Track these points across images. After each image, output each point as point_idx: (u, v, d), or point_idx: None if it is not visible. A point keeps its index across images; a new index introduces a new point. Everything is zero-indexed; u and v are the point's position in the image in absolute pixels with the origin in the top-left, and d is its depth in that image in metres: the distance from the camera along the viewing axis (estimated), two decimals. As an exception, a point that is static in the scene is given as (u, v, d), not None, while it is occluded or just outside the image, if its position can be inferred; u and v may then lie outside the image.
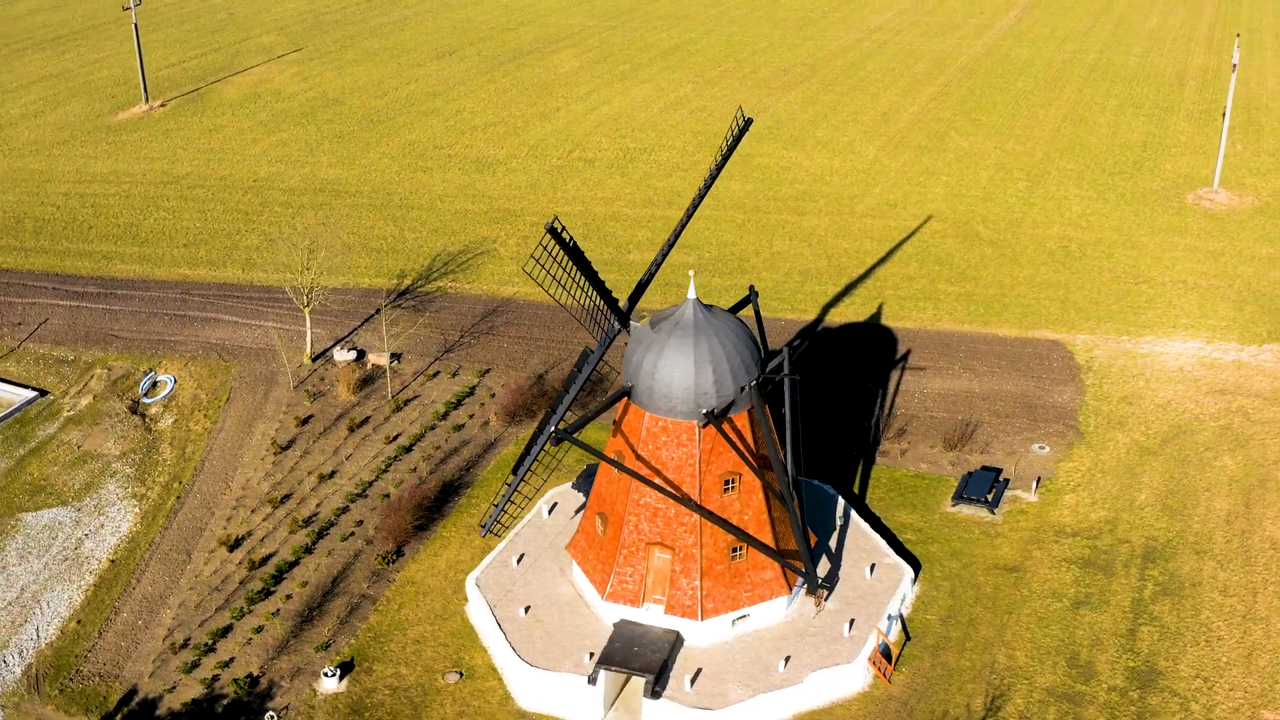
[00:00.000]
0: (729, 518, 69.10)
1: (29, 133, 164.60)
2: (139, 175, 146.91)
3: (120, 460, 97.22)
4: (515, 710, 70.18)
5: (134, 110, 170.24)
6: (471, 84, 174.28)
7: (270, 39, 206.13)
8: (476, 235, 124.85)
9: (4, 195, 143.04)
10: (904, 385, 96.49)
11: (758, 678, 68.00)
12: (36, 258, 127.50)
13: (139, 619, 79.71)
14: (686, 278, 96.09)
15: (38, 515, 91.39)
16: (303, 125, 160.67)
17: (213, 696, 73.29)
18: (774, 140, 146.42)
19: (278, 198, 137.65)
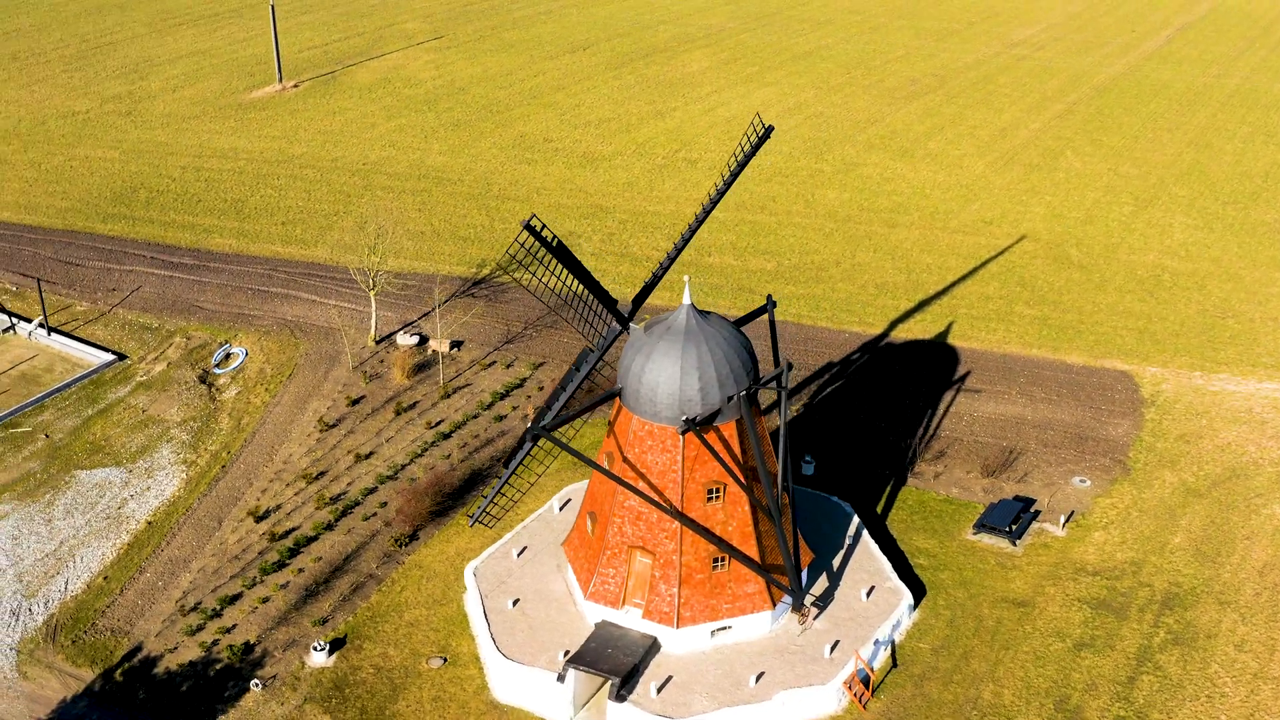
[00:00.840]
0: (712, 527, 68.09)
1: (165, 106, 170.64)
2: (255, 153, 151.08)
3: (179, 427, 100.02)
4: (489, 700, 70.32)
5: (267, 90, 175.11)
6: (596, 79, 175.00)
7: (414, 25, 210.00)
8: (564, 229, 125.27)
9: (126, 165, 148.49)
10: (955, 407, 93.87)
11: (726, 691, 66.92)
12: (143, 227, 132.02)
13: (159, 580, 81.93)
14: (756, 283, 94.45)
15: (91, 474, 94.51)
16: (423, 112, 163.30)
17: (208, 660, 74.99)
18: (883, 150, 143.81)
19: (381, 182, 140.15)
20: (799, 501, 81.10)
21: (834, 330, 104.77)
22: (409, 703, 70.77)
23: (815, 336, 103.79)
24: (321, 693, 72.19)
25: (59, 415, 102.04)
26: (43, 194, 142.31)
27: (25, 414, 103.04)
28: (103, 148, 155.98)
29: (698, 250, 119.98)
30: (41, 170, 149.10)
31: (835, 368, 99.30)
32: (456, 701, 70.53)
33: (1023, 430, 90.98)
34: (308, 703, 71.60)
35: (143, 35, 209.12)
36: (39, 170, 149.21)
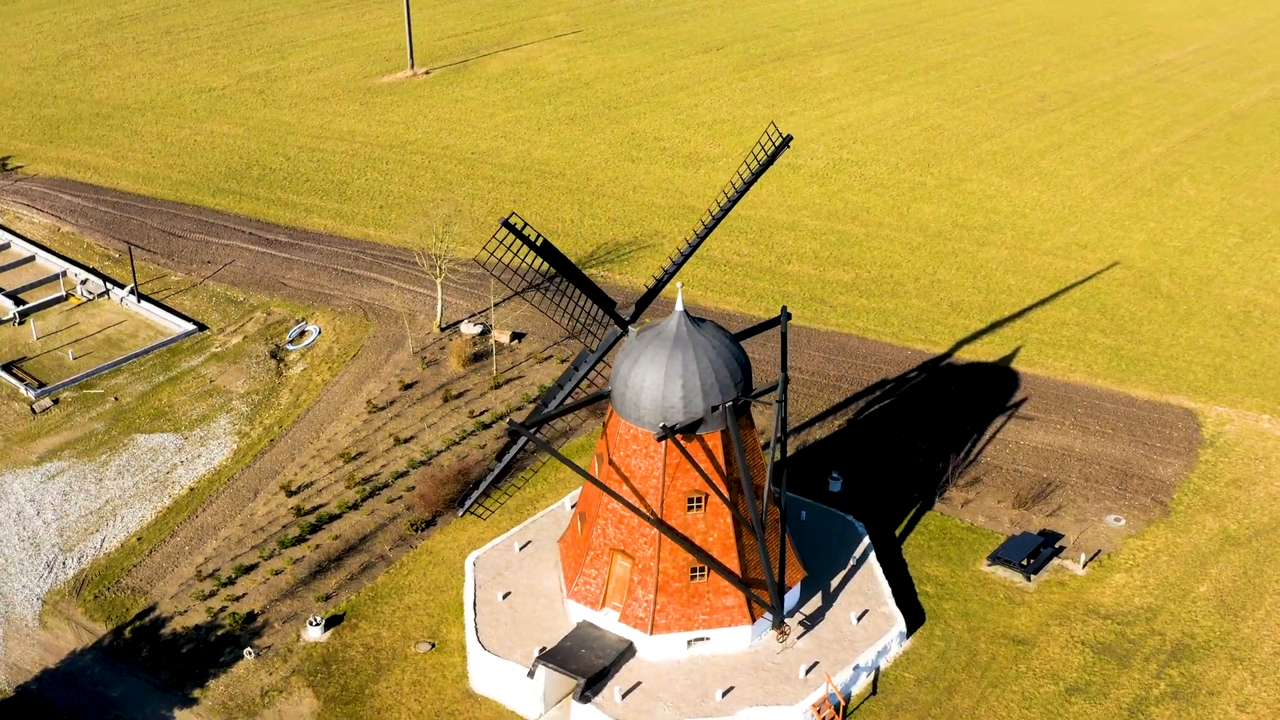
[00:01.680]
0: (692, 537, 67.42)
1: (298, 86, 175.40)
2: (371, 136, 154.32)
3: (241, 399, 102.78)
4: (466, 690, 70.84)
5: (398, 75, 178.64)
6: (721, 80, 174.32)
7: (556, 19, 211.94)
8: (650, 229, 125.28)
9: (247, 143, 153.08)
10: (1002, 433, 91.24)
11: (692, 702, 66.22)
12: (248, 203, 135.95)
13: (186, 545, 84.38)
14: (829, 294, 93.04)
15: (149, 438, 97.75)
16: (542, 105, 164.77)
17: (212, 625, 77.02)
18: (992, 167, 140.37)
19: (484, 171, 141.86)
20: (812, 517, 79.88)
21: (897, 347, 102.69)
22: (389, 684, 71.57)
23: (876, 352, 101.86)
24: (310, 666, 73.45)
25: (132, 380, 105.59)
26: (163, 166, 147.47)
27: (101, 376, 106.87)
28: (229, 124, 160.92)
29: (778, 257, 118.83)
30: (167, 143, 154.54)
31: (889, 385, 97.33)
32: (435, 688, 71.12)
33: (1067, 462, 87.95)
34: (295, 675, 72.97)
35: (293, 16, 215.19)
36: (165, 143, 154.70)
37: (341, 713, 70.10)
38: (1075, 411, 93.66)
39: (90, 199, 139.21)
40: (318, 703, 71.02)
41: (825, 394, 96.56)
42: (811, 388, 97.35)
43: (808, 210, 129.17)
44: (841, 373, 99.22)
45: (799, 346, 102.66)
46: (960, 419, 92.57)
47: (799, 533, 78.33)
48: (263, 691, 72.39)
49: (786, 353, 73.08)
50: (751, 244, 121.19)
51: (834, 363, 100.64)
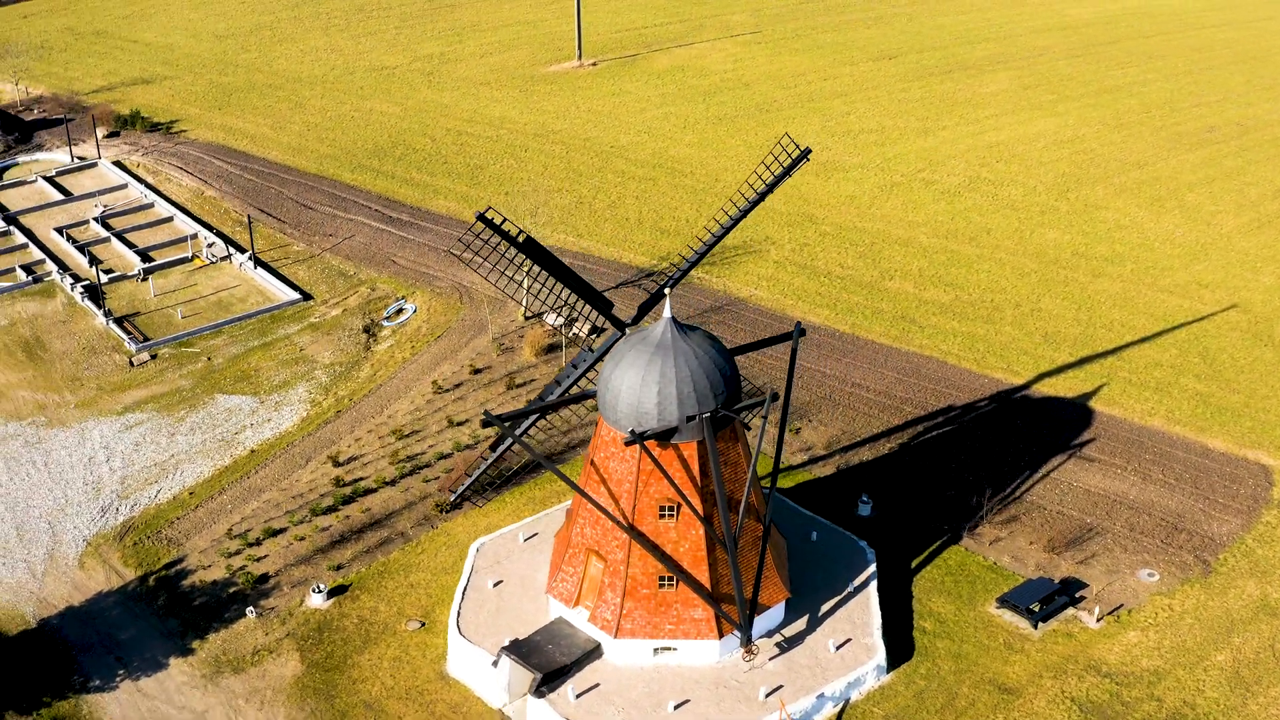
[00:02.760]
0: (663, 545, 67.10)
1: (466, 70, 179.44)
2: (519, 124, 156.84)
3: (324, 369, 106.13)
4: (440, 671, 72.07)
5: (564, 65, 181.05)
6: (882, 90, 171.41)
7: (739, 18, 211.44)
8: (761, 234, 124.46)
9: (400, 122, 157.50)
10: (1057, 472, 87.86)
11: (644, 711, 66.02)
12: (382, 181, 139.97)
13: (230, 503, 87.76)
14: (921, 314, 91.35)
15: (229, 399, 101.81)
16: (695, 103, 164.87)
17: (227, 583, 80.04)
18: (1134, 196, 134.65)
19: (617, 165, 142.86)
20: (823, 539, 78.59)
21: (974, 374, 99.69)
22: (371, 657, 73.20)
23: (951, 377, 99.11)
24: (304, 631, 75.65)
25: (229, 342, 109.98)
26: (314, 139, 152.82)
27: (201, 336, 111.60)
28: (389, 103, 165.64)
29: (881, 272, 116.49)
30: (326, 117, 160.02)
31: (954, 412, 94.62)
32: (413, 666, 72.44)
33: (1115, 509, 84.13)
34: (288, 638, 75.20)
35: (483, 1, 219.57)
36: (323, 117, 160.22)
37: (320, 679, 71.87)
38: (1142, 457, 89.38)
39: (238, 166, 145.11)
40: (301, 667, 73.00)
41: (885, 415, 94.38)
42: (873, 407, 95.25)
43: (927, 227, 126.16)
44: (909, 395, 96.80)
45: (874, 364, 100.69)
46: (1016, 454, 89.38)
47: (805, 553, 77.01)
48: (254, 650, 74.70)
49: (794, 371, 71.71)
50: (859, 257, 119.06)
51: (904, 384, 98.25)
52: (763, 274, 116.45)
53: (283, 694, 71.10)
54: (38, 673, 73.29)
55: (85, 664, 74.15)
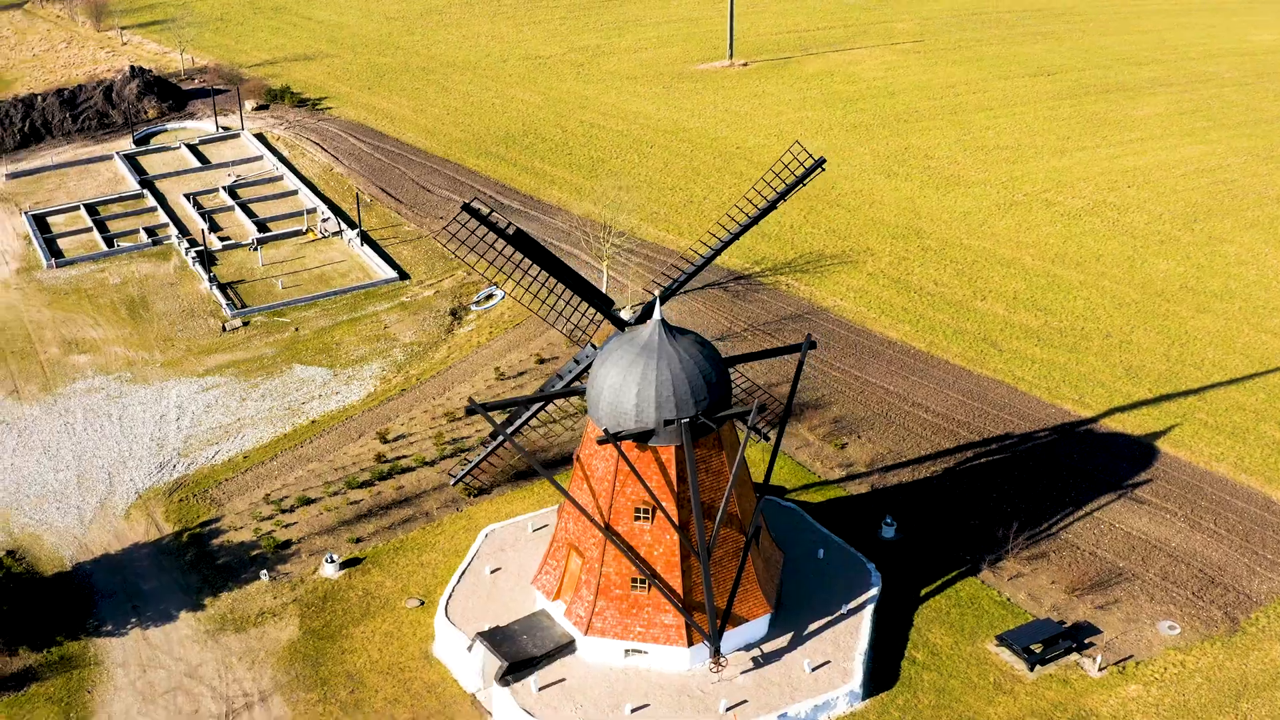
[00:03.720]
0: (637, 548, 67.13)
1: (616, 64, 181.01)
2: (653, 120, 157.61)
3: (403, 348, 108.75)
4: (425, 651, 73.33)
5: (714, 64, 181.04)
6: (1030, 106, 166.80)
7: (904, 26, 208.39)
8: (862, 245, 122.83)
9: (538, 111, 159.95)
10: (1101, 511, 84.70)
11: (601, 710, 66.19)
12: (502, 167, 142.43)
13: (277, 470, 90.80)
14: (1004, 338, 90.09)
15: (305, 369, 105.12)
16: (833, 109, 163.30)
17: (251, 545, 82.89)
18: (1264, 230, 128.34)
19: (737, 167, 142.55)
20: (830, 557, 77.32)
21: (1042, 403, 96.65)
22: (365, 630, 74.89)
23: (1018, 405, 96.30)
24: (309, 599, 77.80)
25: (320, 315, 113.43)
26: (450, 123, 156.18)
27: (295, 307, 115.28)
28: (532, 92, 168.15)
29: (975, 291, 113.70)
30: (467, 102, 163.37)
31: (1010, 440, 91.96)
32: (401, 642, 73.88)
33: (1152, 555, 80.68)
34: (294, 604, 77.45)
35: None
36: (465, 102, 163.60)
37: (312, 646, 73.81)
38: (1197, 503, 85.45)
39: (371, 145, 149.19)
40: (298, 632, 75.03)
41: (937, 438, 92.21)
42: (927, 429, 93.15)
43: (1036, 249, 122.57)
44: (968, 419, 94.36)
45: (941, 385, 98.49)
46: (1062, 489, 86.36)
47: (808, 570, 75.86)
48: (259, 612, 77.07)
49: (797, 382, 70.89)
50: (956, 275, 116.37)
51: (966, 408, 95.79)
52: (853, 285, 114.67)
53: (274, 656, 73.11)
54: (59, 613, 76.77)
55: (103, 609, 77.36)
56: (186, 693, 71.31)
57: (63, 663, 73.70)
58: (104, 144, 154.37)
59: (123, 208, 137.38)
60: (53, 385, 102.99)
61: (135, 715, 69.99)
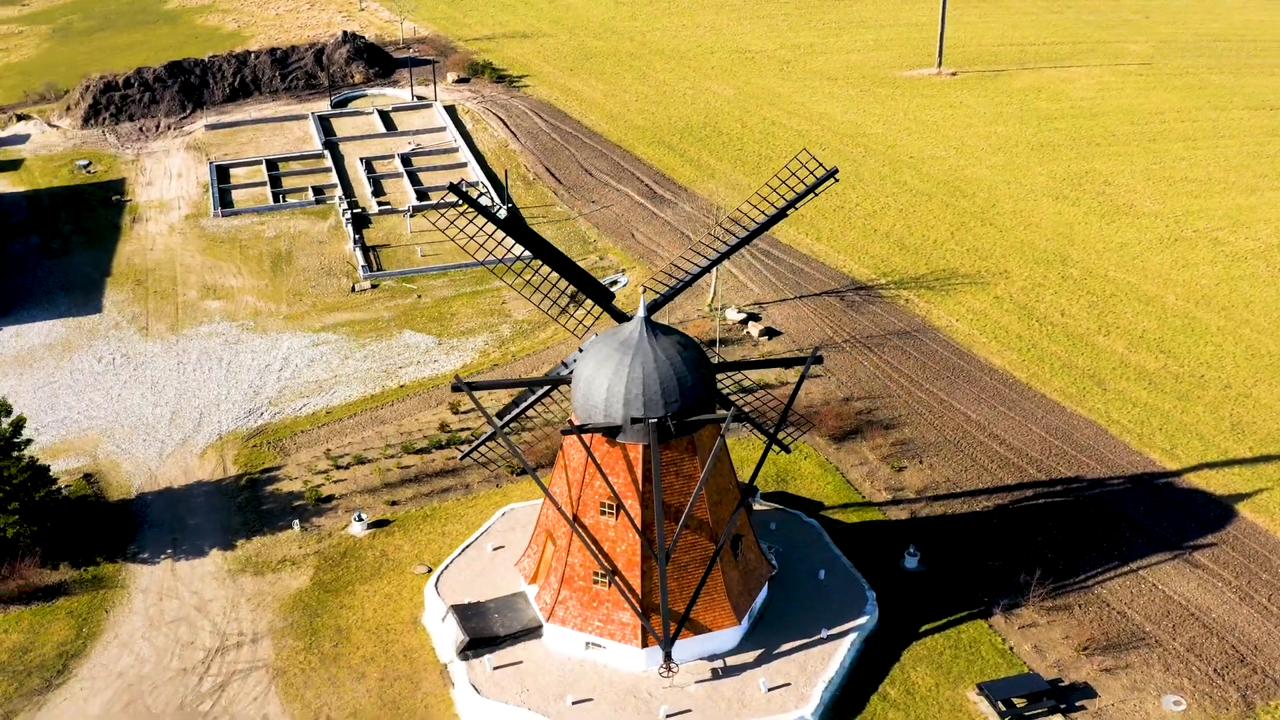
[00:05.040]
0: (601, 542, 67.87)
1: (822, 64, 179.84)
2: (836, 123, 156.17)
3: (513, 325, 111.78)
4: (415, 617, 75.81)
5: (921, 71, 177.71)
6: (1236, 140, 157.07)
7: (1136, 48, 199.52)
8: (999, 266, 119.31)
9: (724, 105, 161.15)
10: (1148, 570, 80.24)
11: (544, 699, 67.14)
12: (667, 157, 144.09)
13: (349, 429, 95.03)
14: (1113, 377, 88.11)
15: (414, 336, 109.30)
16: (1025, 126, 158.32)
17: (296, 495, 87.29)
18: None
19: (901, 177, 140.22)
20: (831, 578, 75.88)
21: (1128, 449, 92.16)
22: (370, 589, 77.94)
23: (1100, 447, 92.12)
24: (330, 552, 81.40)
25: (446, 285, 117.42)
26: (635, 110, 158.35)
27: (426, 276, 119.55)
28: (728, 85, 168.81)
29: (1100, 324, 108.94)
30: (659, 91, 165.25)
31: (1078, 485, 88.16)
32: (396, 606, 76.49)
33: (1185, 624, 76.18)
34: (314, 555, 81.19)
35: (887, 1, 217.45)
36: (656, 90, 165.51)
37: (316, 598, 77.15)
38: (1258, 575, 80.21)
39: (550, 124, 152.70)
40: (308, 583, 78.55)
41: (1001, 472, 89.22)
42: (995, 462, 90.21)
43: (1182, 288, 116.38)
44: (1041, 457, 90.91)
45: (1027, 419, 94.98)
46: (1113, 540, 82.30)
47: (805, 588, 74.59)
48: (281, 559, 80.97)
49: (795, 396, 70.20)
50: (1087, 307, 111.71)
51: (1044, 445, 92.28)
52: (974, 306, 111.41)
53: (279, 602, 76.60)
54: (106, 537, 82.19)
55: (145, 538, 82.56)
56: (189, 624, 75.18)
57: (94, 582, 78.75)
58: (305, 104, 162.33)
59: (302, 165, 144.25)
60: (180, 326, 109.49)
61: (138, 638, 74.16)
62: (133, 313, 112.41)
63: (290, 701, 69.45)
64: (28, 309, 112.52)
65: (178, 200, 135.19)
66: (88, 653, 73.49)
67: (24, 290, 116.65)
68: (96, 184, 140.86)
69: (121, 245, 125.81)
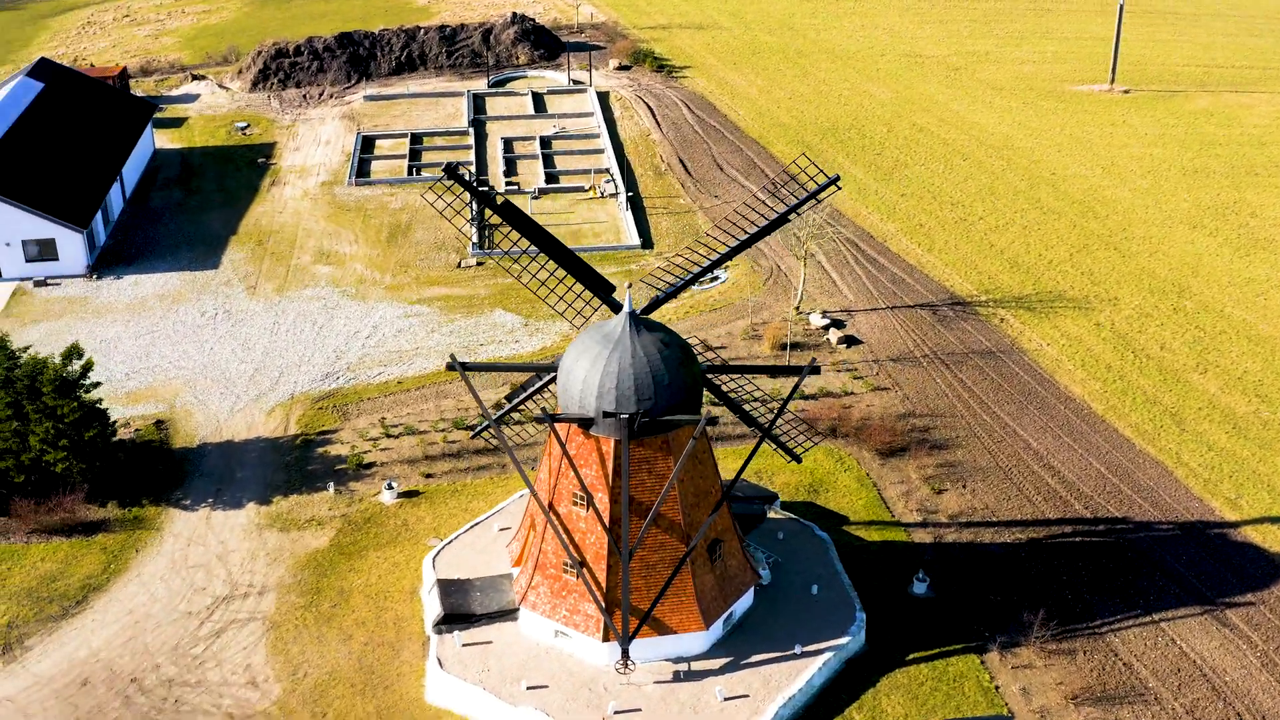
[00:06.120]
0: (573, 532, 69.11)
1: (992, 73, 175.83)
2: (984, 133, 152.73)
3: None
4: (414, 587, 78.32)
5: (1091, 86, 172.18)
6: None
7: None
8: (1109, 293, 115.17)
9: (877, 108, 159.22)
10: (1171, 624, 76.30)
11: (501, 681, 68.37)
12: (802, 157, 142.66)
13: (412, 400, 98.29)
14: (1221, 439, 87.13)
15: (503, 314, 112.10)
16: (1184, 150, 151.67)
17: (341, 459, 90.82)
18: None
19: (1038, 194, 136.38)
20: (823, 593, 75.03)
21: (1189, 494, 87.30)
22: (378, 556, 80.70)
23: (1160, 489, 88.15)
24: (355, 517, 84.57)
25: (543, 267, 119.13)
26: (784, 108, 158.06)
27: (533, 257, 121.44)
28: (886, 89, 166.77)
29: (1199, 361, 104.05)
30: (817, 90, 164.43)
31: (1122, 526, 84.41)
32: (400, 575, 79.10)
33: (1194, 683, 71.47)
34: (340, 518, 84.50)
35: (1078, 11, 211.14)
36: (815, 89, 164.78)
37: (328, 559, 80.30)
38: (1292, 642, 76.31)
39: (697, 117, 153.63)
40: (327, 544, 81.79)
41: (1045, 505, 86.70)
42: (1041, 494, 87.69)
43: None
44: (1093, 494, 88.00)
45: (1089, 452, 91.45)
46: (1143, 588, 79.04)
47: (793, 601, 73.96)
48: (308, 519, 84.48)
49: (785, 406, 70.06)
50: (1190, 343, 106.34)
51: (1099, 482, 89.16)
52: (1070, 332, 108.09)
53: (294, 560, 79.94)
54: (159, 480, 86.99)
55: (192, 485, 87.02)
56: (207, 571, 79.05)
57: (134, 522, 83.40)
58: (465, 82, 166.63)
59: (445, 141, 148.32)
60: (286, 288, 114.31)
61: (156, 580, 78.39)
62: (246, 271, 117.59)
63: (275, 654, 72.26)
64: (151, 260, 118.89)
65: (318, 167, 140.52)
66: (108, 588, 77.70)
67: (153, 242, 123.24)
68: (247, 145, 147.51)
69: (254, 206, 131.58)
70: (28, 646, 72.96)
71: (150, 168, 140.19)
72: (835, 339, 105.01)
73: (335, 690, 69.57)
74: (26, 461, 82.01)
